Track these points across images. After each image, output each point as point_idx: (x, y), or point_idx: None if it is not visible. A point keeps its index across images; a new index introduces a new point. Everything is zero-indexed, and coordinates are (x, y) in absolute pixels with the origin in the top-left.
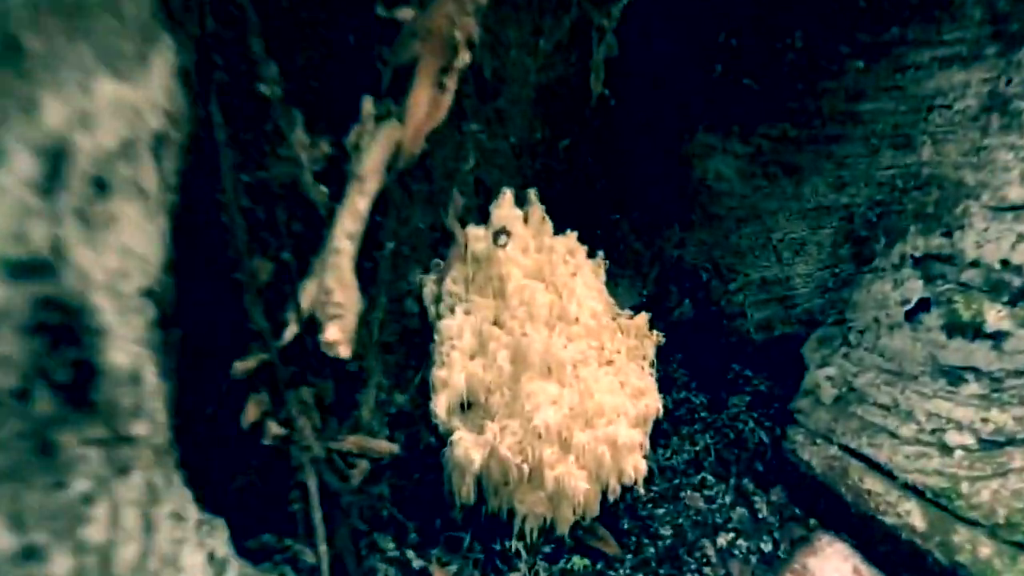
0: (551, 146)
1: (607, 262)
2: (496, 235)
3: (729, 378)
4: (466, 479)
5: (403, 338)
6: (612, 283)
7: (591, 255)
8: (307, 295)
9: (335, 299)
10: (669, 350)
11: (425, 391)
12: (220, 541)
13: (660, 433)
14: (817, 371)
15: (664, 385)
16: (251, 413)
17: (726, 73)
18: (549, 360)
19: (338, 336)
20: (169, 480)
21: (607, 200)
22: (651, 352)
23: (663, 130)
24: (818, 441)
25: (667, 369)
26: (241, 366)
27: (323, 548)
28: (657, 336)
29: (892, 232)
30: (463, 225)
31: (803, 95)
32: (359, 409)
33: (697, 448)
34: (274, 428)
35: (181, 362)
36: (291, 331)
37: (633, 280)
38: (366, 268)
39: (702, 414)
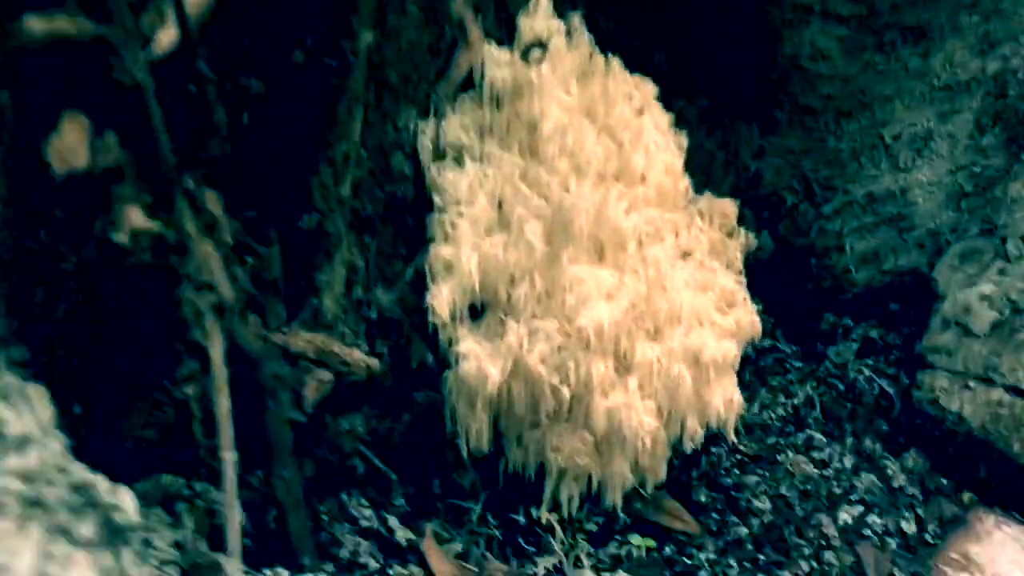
0: None
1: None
2: (527, 50)
3: (824, 328)
4: (477, 412)
5: (390, 212)
6: None
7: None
8: None
9: None
10: None
11: (421, 288)
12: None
13: (741, 385)
14: (963, 293)
15: None
16: (68, 141)
17: None
18: (602, 233)
19: None
20: None
21: (669, 79)
22: (738, 258)
23: None
24: (971, 384)
25: None
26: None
27: (229, 456)
28: (747, 236)
29: None
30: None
31: None
32: (319, 296)
33: (795, 401)
34: (134, 216)
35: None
36: (168, 37)
37: (701, 190)
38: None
39: (795, 364)
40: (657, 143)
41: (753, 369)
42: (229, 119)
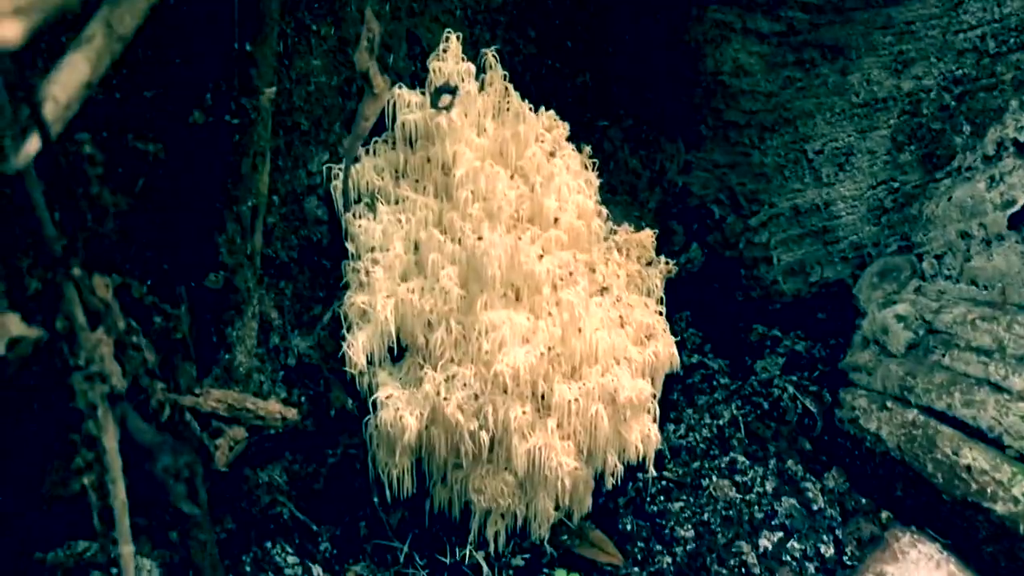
0: (518, 15)
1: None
2: (437, 93)
3: (752, 340)
4: (398, 457)
5: (305, 257)
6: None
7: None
8: (63, 85)
9: None
10: (675, 306)
11: (340, 331)
12: None
13: (668, 404)
14: (881, 313)
15: None
16: None
17: None
18: (516, 278)
19: None
20: None
21: (593, 99)
22: (659, 285)
23: (664, 5)
24: (888, 404)
25: (673, 328)
26: None
27: (127, 550)
28: (667, 264)
29: (981, 115)
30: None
31: None
32: (231, 351)
33: (720, 422)
34: (12, 324)
35: None
36: (32, 146)
37: (627, 209)
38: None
39: (723, 380)
40: (569, 185)
41: (681, 388)
42: (125, 182)
